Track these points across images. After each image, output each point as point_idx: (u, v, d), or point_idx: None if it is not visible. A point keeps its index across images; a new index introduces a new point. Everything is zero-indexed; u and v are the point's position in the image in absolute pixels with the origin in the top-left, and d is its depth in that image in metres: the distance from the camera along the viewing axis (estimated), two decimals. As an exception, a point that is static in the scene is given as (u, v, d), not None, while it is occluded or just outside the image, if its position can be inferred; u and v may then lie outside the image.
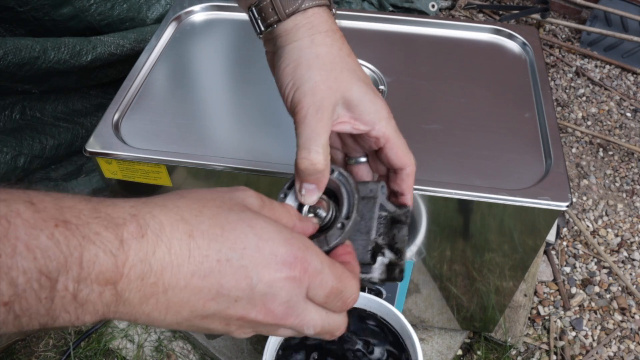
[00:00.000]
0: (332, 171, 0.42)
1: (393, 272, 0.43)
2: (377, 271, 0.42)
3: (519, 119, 0.69)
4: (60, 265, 0.25)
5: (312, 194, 0.41)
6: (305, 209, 0.42)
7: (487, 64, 0.79)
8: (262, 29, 0.44)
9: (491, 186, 0.60)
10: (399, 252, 0.43)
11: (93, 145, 0.63)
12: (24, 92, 0.96)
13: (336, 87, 0.41)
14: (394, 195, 0.46)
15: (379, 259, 0.42)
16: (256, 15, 0.44)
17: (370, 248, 0.40)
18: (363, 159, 0.47)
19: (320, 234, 0.40)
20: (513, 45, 0.82)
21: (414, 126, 0.68)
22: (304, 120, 0.40)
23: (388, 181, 0.46)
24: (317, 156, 0.39)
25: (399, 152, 0.43)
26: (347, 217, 0.40)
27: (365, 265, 0.41)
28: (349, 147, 0.47)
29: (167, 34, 0.82)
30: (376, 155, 0.46)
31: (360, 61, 0.77)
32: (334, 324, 0.35)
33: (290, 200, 0.42)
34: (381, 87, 0.74)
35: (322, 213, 0.41)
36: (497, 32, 0.83)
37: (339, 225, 0.40)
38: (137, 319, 0.29)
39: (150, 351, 0.91)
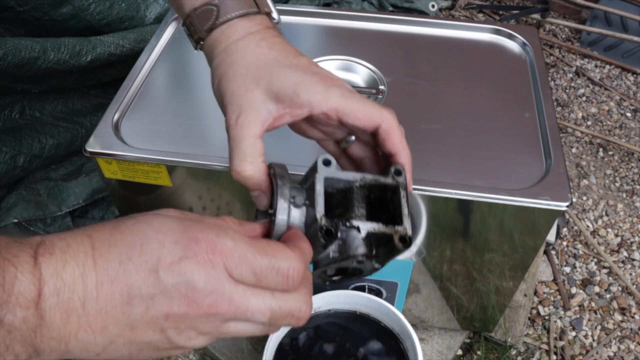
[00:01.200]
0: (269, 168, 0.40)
1: (390, 243, 0.38)
2: (357, 246, 0.37)
3: (519, 119, 0.69)
4: None
5: (260, 200, 0.40)
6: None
7: (487, 64, 0.78)
8: (195, 45, 0.45)
9: (491, 186, 0.60)
10: (398, 219, 0.38)
11: (93, 145, 0.63)
12: (24, 92, 0.96)
13: (254, 87, 0.40)
14: (386, 159, 0.43)
15: (352, 233, 0.37)
16: (187, 33, 0.45)
17: (319, 227, 0.36)
18: (352, 138, 0.44)
19: None
20: (513, 45, 0.82)
21: (414, 126, 0.68)
22: (228, 132, 0.40)
23: (378, 146, 0.42)
24: (240, 164, 0.39)
25: (359, 114, 0.40)
26: (274, 208, 0.37)
27: (342, 245, 0.37)
28: (328, 133, 0.45)
29: (167, 34, 0.82)
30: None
31: (361, 61, 0.78)
32: (289, 306, 0.32)
33: (261, 218, 0.40)
34: (381, 87, 0.74)
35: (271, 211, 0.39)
36: (497, 32, 0.83)
37: (271, 219, 0.37)
38: (68, 345, 0.29)
39: (150, 351, 0.91)
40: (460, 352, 0.93)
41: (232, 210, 0.69)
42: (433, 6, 1.56)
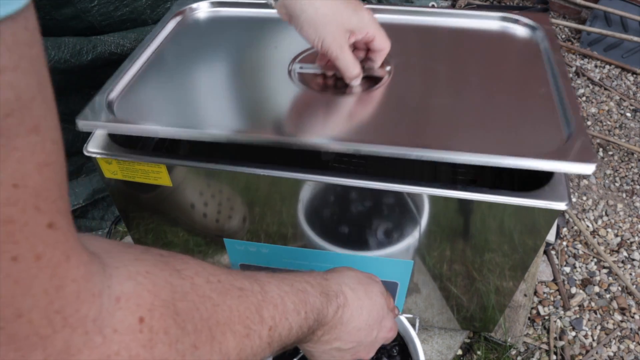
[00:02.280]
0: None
1: None
2: None
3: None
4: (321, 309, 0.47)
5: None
6: None
7: (496, 54, 0.78)
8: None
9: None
10: None
11: (93, 146, 0.63)
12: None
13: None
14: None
15: None
16: None
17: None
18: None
19: None
20: (522, 31, 0.81)
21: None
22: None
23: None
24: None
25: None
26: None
27: None
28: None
29: (167, 31, 0.82)
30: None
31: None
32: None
33: None
34: (388, 67, 0.74)
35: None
36: (505, 19, 0.82)
37: None
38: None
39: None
40: (460, 352, 0.93)
41: (232, 206, 0.69)
42: (433, 6, 1.56)
